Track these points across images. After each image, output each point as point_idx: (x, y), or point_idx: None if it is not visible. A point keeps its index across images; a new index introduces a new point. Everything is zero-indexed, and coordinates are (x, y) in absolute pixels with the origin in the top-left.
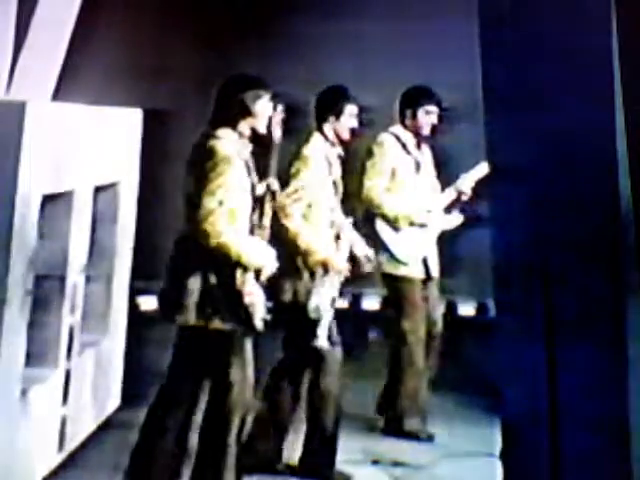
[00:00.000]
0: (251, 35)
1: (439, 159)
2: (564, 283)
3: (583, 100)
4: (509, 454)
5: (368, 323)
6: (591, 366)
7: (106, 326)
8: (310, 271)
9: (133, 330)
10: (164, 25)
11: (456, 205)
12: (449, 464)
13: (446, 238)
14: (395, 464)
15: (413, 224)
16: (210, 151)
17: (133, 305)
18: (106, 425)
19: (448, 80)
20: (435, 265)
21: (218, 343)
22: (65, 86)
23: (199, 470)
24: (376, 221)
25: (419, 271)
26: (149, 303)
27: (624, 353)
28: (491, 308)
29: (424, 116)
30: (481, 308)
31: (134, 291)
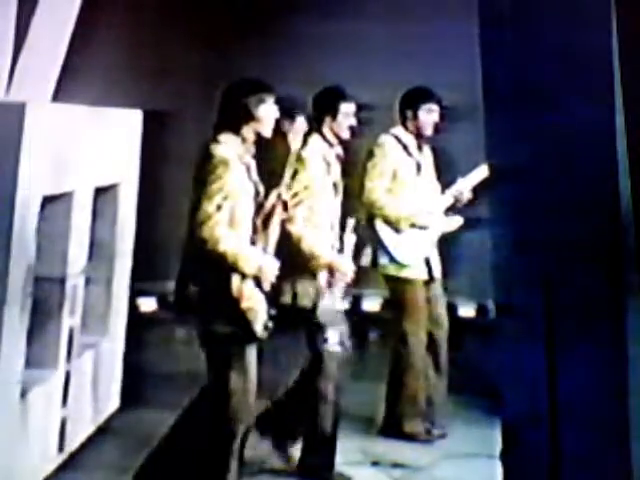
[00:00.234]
0: (251, 35)
1: (439, 160)
2: (564, 284)
3: (583, 100)
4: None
5: (368, 324)
6: (591, 366)
7: (106, 328)
8: (315, 274)
9: (133, 332)
10: (164, 26)
11: (455, 208)
12: (449, 465)
13: (446, 240)
14: (395, 465)
15: (414, 226)
16: (209, 155)
17: (133, 307)
18: (106, 426)
19: (448, 80)
20: (437, 266)
21: (217, 349)
22: (65, 87)
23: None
24: (377, 223)
25: (421, 272)
26: (149, 305)
27: (624, 353)
28: (491, 309)
29: (426, 115)
30: (481, 309)
31: (134, 293)
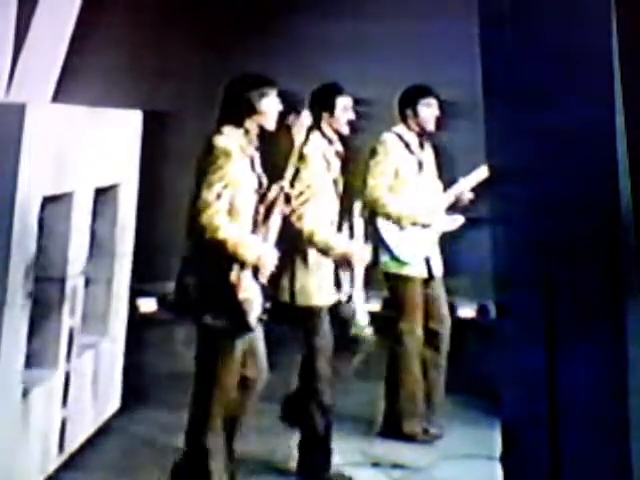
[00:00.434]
0: (251, 35)
1: (441, 159)
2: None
3: (583, 100)
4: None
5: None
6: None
7: (106, 328)
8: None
9: (133, 332)
10: (164, 26)
11: (456, 207)
12: (448, 466)
13: (446, 239)
14: (394, 466)
15: (416, 224)
16: (211, 146)
17: (133, 307)
18: (106, 427)
19: (448, 80)
20: (438, 265)
21: (209, 340)
22: (65, 87)
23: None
24: (378, 220)
25: (421, 271)
26: (149, 305)
27: (624, 353)
28: (491, 310)
29: (425, 110)
30: (481, 310)
31: (134, 293)
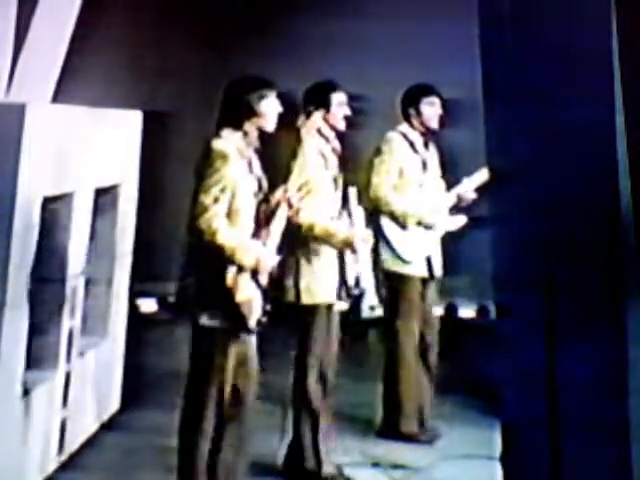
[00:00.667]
0: (251, 35)
1: (444, 159)
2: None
3: (583, 100)
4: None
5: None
6: (591, 367)
7: (106, 328)
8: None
9: (133, 332)
10: (164, 26)
11: (459, 208)
12: (448, 466)
13: (447, 239)
14: (394, 466)
15: (420, 224)
16: (208, 149)
17: (133, 307)
18: (106, 427)
19: (448, 80)
20: (439, 265)
21: (203, 341)
22: (65, 88)
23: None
24: (381, 218)
25: (422, 270)
26: (149, 305)
27: (624, 353)
28: (491, 310)
29: (428, 108)
30: (481, 310)
31: (134, 293)
